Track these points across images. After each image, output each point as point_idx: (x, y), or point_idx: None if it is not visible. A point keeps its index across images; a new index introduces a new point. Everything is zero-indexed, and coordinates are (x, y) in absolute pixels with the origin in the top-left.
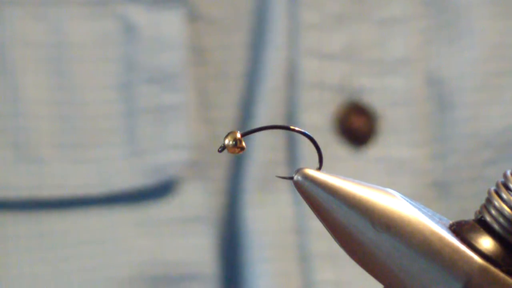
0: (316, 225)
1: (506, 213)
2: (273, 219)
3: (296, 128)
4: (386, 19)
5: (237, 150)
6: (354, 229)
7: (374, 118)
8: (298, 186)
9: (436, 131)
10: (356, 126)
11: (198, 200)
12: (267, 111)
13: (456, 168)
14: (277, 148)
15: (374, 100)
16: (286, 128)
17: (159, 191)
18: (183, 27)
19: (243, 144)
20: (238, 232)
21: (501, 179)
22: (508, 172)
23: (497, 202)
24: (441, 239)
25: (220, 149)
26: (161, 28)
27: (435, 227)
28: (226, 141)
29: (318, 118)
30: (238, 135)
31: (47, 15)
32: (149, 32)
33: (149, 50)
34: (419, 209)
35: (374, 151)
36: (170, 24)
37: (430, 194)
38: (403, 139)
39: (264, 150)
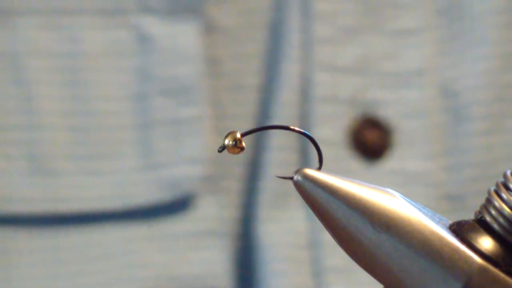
0: (329, 239)
1: (506, 213)
2: (286, 233)
3: (296, 128)
4: (399, 31)
5: (237, 150)
6: (354, 229)
7: (388, 131)
8: (298, 186)
9: (451, 143)
10: (370, 140)
11: (212, 214)
12: (280, 125)
13: (471, 181)
14: (291, 163)
15: (388, 112)
16: (286, 128)
17: (175, 206)
18: (199, 39)
19: (243, 144)
20: (252, 246)
21: (501, 179)
22: (508, 172)
23: (497, 202)
24: (441, 239)
25: (220, 149)
26: (176, 40)
27: (435, 227)
28: (226, 141)
29: (331, 132)
30: (238, 135)
31: (61, 25)
32: (164, 44)
33: (164, 61)
34: (419, 209)
35: (388, 164)
36: (186, 36)
37: (445, 206)
38: (418, 152)
39: (278, 165)
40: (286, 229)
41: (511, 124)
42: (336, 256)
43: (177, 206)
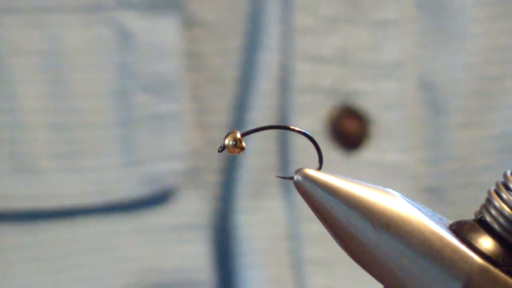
0: (308, 230)
1: (506, 213)
2: (265, 225)
3: (296, 128)
4: (380, 22)
5: (237, 150)
6: (354, 229)
7: (367, 122)
8: (298, 186)
9: (430, 136)
10: (349, 130)
11: (194, 207)
12: (260, 115)
13: (450, 173)
14: (269, 153)
15: (367, 103)
16: (286, 128)
17: (156, 199)
18: (179, 33)
19: (243, 144)
20: (232, 238)
21: (501, 179)
22: (508, 172)
23: (497, 202)
24: (441, 239)
25: (220, 149)
26: (157, 35)
27: (435, 227)
28: (226, 141)
29: (311, 122)
30: (238, 135)
31: (42, 23)
32: (145, 39)
33: (145, 57)
34: (419, 209)
35: (366, 155)
36: (166, 31)
37: (423, 199)
38: (396, 144)
39: (256, 155)
40: (265, 220)
41: (490, 118)
42: (315, 247)
43: (158, 200)
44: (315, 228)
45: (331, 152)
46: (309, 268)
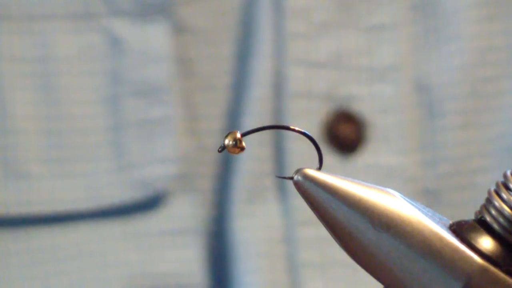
0: (304, 235)
1: (506, 213)
2: (261, 229)
3: (296, 128)
4: (374, 26)
5: (237, 150)
6: (354, 229)
7: (362, 126)
8: (298, 186)
9: (426, 138)
10: (345, 134)
11: (186, 212)
12: (254, 121)
13: (446, 175)
14: (264, 159)
15: (362, 107)
16: (286, 128)
17: (147, 204)
18: (169, 39)
19: (243, 144)
20: (227, 243)
21: (501, 179)
22: (508, 172)
23: (497, 202)
24: (441, 239)
25: (220, 149)
26: (147, 41)
27: (435, 227)
28: (226, 141)
29: (306, 127)
30: (238, 135)
31: (33, 30)
32: (135, 46)
33: (136, 63)
34: (419, 209)
35: (363, 158)
36: (156, 37)
37: (420, 201)
38: (392, 147)
39: (251, 161)
40: (261, 224)
41: (486, 119)
42: (311, 251)
43: (149, 205)
44: (311, 232)
45: (327, 156)
46: (305, 272)
